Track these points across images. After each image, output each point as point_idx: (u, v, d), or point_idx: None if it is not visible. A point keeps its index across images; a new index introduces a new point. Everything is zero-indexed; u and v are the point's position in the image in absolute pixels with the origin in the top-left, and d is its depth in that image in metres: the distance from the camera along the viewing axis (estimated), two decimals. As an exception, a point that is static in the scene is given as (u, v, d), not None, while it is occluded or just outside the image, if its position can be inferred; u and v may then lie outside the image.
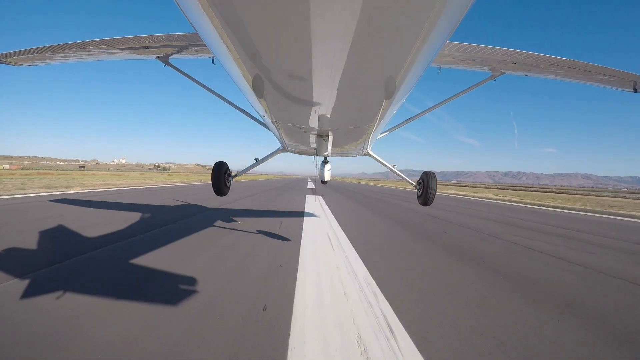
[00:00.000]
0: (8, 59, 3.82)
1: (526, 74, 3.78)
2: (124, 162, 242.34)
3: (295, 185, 26.90)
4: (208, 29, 1.14)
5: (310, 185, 26.41)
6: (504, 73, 3.88)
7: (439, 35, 1.18)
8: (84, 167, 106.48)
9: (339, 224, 6.01)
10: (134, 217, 5.91)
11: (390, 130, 4.64)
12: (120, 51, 3.79)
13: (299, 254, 3.63)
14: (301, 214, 7.37)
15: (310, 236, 4.73)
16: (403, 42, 1.14)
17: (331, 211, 8.16)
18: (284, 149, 4.46)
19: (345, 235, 4.92)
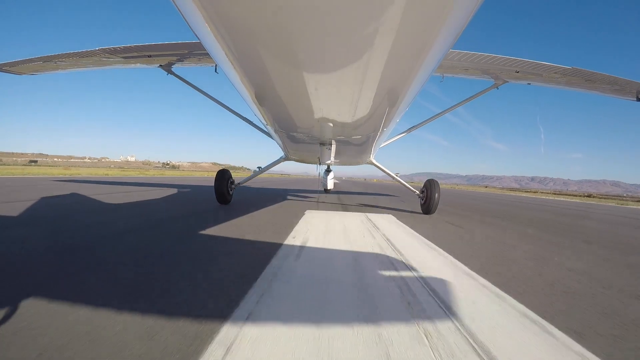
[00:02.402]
0: (11, 68, 3.86)
1: (529, 82, 3.75)
2: (132, 159, 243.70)
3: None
4: (210, 38, 1.13)
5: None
6: (507, 82, 3.85)
7: (441, 44, 1.17)
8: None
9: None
10: None
11: (394, 138, 4.64)
12: (123, 60, 3.82)
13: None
14: None
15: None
16: (406, 50, 1.13)
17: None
18: (287, 157, 4.46)
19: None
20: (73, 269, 1.33)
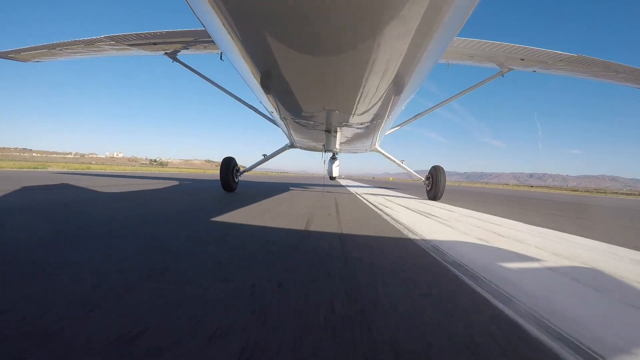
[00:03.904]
0: (16, 55, 3.75)
1: (534, 70, 3.81)
2: (120, 155, 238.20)
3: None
4: (216, 25, 1.13)
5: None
6: (512, 69, 3.91)
7: (447, 31, 1.18)
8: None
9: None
10: None
11: (399, 126, 4.68)
12: (128, 47, 3.75)
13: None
14: None
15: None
16: (411, 37, 1.13)
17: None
18: (292, 145, 4.47)
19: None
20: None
